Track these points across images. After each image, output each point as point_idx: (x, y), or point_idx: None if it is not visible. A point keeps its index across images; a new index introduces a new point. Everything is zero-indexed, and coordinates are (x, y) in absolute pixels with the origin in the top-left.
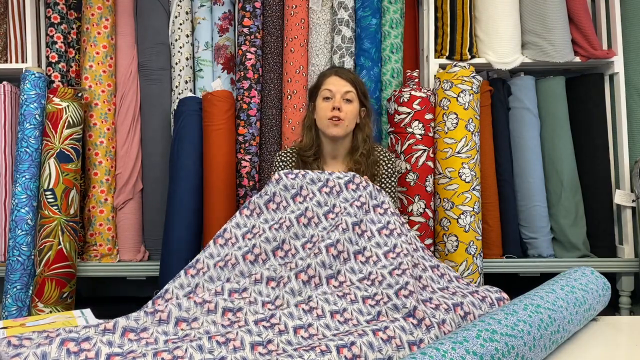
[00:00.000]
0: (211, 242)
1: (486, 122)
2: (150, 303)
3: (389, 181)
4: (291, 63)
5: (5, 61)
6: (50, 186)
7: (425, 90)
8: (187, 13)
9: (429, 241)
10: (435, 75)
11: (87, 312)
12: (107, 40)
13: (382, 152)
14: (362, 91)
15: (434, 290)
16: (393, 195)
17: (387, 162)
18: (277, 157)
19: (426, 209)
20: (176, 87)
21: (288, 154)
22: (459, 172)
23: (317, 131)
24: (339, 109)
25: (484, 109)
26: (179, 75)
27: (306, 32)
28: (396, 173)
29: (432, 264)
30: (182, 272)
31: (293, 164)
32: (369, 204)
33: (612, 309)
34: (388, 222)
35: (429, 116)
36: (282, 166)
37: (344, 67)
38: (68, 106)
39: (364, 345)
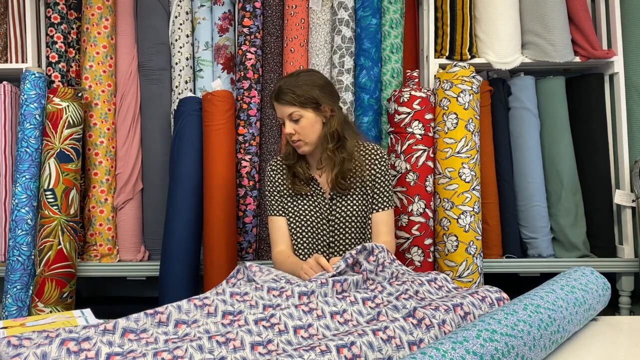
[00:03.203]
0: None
1: (486, 122)
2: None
3: (385, 181)
4: (291, 63)
5: (5, 61)
6: (51, 186)
7: (425, 90)
8: (187, 13)
9: (429, 241)
10: (435, 75)
11: (87, 312)
12: (107, 40)
13: (374, 150)
14: (304, 101)
15: (433, 299)
16: (390, 197)
17: (381, 160)
18: (268, 167)
19: (426, 209)
20: (176, 87)
21: (278, 162)
22: (459, 172)
23: None
24: (291, 134)
25: (484, 109)
26: (179, 75)
27: (306, 32)
28: (390, 172)
29: (429, 278)
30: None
31: (284, 172)
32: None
33: (612, 309)
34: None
35: (429, 116)
36: (273, 175)
37: (285, 81)
38: (68, 106)
39: (364, 345)
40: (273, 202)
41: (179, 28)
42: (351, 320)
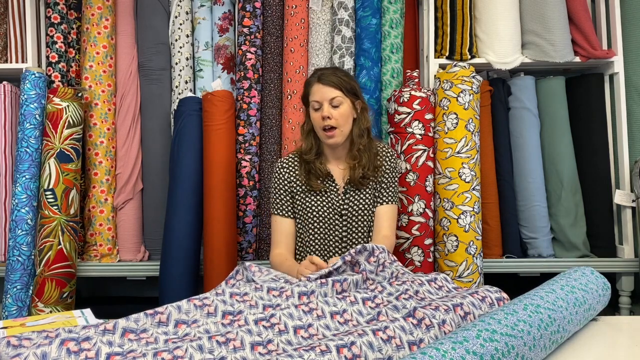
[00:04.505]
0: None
1: (486, 122)
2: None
3: (392, 177)
4: (291, 63)
5: (5, 61)
6: (51, 186)
7: (425, 90)
8: (187, 13)
9: (429, 241)
10: (435, 75)
11: (87, 312)
12: (107, 40)
13: (384, 149)
14: (349, 89)
15: (433, 299)
16: (395, 192)
17: (390, 158)
18: (279, 164)
19: (426, 209)
20: (176, 87)
21: (290, 159)
22: (459, 172)
23: (316, 135)
24: (329, 117)
25: (484, 109)
26: (179, 75)
27: (306, 32)
28: (397, 170)
29: (428, 278)
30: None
31: (295, 168)
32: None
33: (612, 309)
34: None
35: (429, 116)
36: (283, 172)
37: (327, 69)
38: (68, 106)
39: (364, 345)
40: (278, 201)
41: (179, 28)
42: (351, 320)
